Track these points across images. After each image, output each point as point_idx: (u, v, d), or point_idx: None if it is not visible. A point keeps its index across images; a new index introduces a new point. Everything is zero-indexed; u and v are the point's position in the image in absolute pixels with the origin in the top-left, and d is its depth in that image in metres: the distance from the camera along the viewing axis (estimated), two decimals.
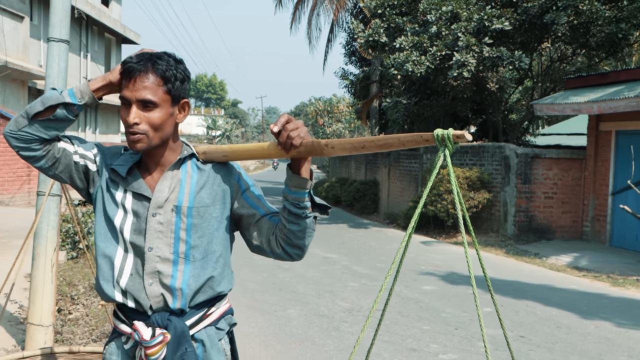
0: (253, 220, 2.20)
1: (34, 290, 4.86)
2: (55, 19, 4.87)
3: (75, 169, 2.18)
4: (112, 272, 2.14)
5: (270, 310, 7.36)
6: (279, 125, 1.97)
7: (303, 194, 2.05)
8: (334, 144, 1.96)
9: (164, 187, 2.15)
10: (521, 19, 14.45)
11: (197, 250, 2.14)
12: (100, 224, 2.18)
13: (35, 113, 2.05)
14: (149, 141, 2.08)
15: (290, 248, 2.14)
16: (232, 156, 2.19)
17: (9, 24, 19.12)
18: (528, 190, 14.12)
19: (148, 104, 2.04)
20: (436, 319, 7.12)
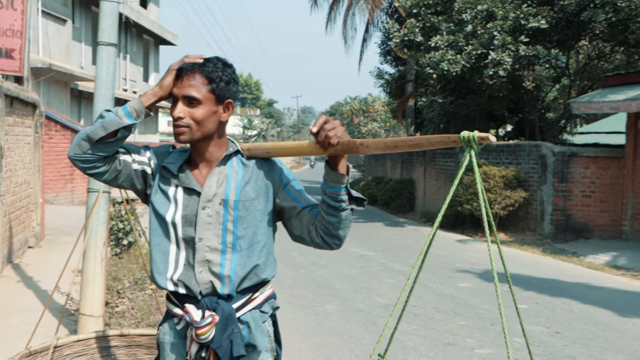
0: (294, 212, 2.37)
1: (85, 282, 5.09)
2: (105, 23, 5.10)
3: (136, 176, 2.37)
4: (166, 265, 2.33)
5: (309, 305, 7.52)
6: (318, 125, 2.13)
7: (340, 188, 2.21)
8: (369, 143, 2.12)
9: (212, 182, 2.32)
10: (558, 17, 14.40)
11: (243, 240, 2.32)
12: (154, 221, 2.37)
13: (99, 138, 2.23)
14: (192, 134, 2.27)
15: (329, 238, 2.30)
16: (274, 153, 2.36)
17: (53, 27, 19.62)
18: (565, 189, 14.06)
19: (192, 100, 2.23)
20: (472, 315, 7.21)
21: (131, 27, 27.17)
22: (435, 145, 2.03)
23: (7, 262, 8.15)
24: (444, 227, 16.34)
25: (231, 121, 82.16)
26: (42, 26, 18.76)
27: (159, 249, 2.35)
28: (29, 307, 6.24)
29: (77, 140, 2.25)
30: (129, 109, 2.27)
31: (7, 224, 8.11)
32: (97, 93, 5.07)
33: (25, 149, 9.37)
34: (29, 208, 9.62)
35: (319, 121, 2.15)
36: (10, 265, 8.18)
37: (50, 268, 8.05)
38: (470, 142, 1.92)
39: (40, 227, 10.10)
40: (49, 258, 8.87)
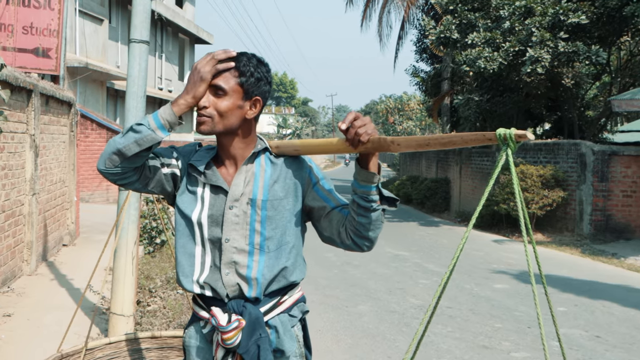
0: (324, 212, 2.28)
1: (116, 281, 5.07)
2: (137, 20, 5.06)
3: (166, 180, 2.29)
4: (192, 268, 2.25)
5: (341, 305, 7.43)
6: (347, 122, 2.03)
7: (371, 187, 2.11)
8: (400, 140, 2.01)
9: (239, 180, 2.24)
10: (598, 12, 14.06)
11: (271, 241, 2.23)
12: (180, 221, 2.29)
13: (133, 154, 2.14)
14: (213, 125, 2.18)
15: (359, 239, 2.20)
16: (303, 150, 2.27)
17: (90, 26, 19.84)
18: (605, 189, 13.74)
19: (219, 90, 2.15)
20: (508, 317, 7.05)
21: (167, 26, 27.36)
22: (470, 143, 1.92)
23: (42, 260, 8.21)
24: (480, 227, 16.11)
25: (266, 120, 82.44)
26: (79, 26, 18.97)
27: (184, 250, 2.27)
28: (61, 306, 6.26)
29: (108, 153, 2.16)
30: (162, 120, 2.16)
31: (42, 222, 8.17)
32: (129, 91, 5.04)
33: (60, 147, 9.44)
34: (64, 206, 9.70)
35: (348, 118, 2.05)
36: (45, 263, 8.24)
37: (84, 266, 8.08)
38: (507, 140, 1.80)
39: (75, 225, 10.18)
40: (83, 256, 8.91)
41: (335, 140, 2.17)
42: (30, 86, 7.36)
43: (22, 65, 10.16)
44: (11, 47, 10.19)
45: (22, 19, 10.20)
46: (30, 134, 7.52)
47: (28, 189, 7.49)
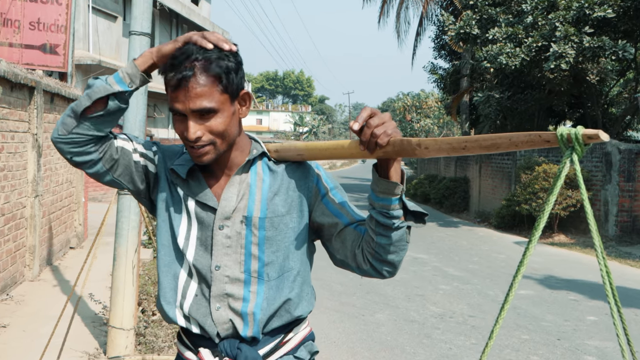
0: (335, 230, 1.86)
1: (115, 292, 4.72)
2: (137, 11, 4.72)
3: (136, 170, 1.89)
4: (174, 292, 1.86)
5: (358, 314, 7.04)
6: (361, 120, 1.61)
7: (392, 200, 1.69)
8: (428, 143, 1.59)
9: (231, 194, 1.83)
10: (625, 6, 13.54)
11: (271, 267, 1.83)
12: (164, 235, 1.89)
13: (84, 109, 1.77)
14: (217, 150, 1.77)
15: (379, 264, 1.79)
16: (308, 155, 1.86)
17: (103, 24, 19.61)
18: (632, 189, 13.25)
19: (205, 112, 1.72)
20: (536, 328, 6.62)
21: (182, 23, 27.10)
22: (520, 146, 1.50)
23: (47, 264, 7.90)
24: (501, 228, 15.68)
25: (282, 118, 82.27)
26: (92, 23, 18.73)
27: (168, 270, 1.87)
28: (62, 316, 5.92)
29: (61, 118, 1.80)
30: (121, 74, 1.79)
31: (46, 224, 7.86)
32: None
33: None
34: (71, 207, 9.39)
35: (362, 115, 1.62)
36: (50, 267, 7.93)
37: (90, 271, 7.75)
38: (572, 141, 1.38)
39: (83, 227, 9.87)
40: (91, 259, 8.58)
41: (346, 143, 1.75)
42: (32, 83, 7.03)
43: (29, 62, 9.88)
44: (18, 44, 9.92)
45: (28, 15, 9.92)
46: (33, 133, 7.20)
47: (30, 191, 7.17)
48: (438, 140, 1.58)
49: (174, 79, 1.70)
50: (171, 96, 1.72)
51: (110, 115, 1.79)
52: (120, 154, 1.87)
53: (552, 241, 13.79)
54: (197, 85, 1.68)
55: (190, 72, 1.68)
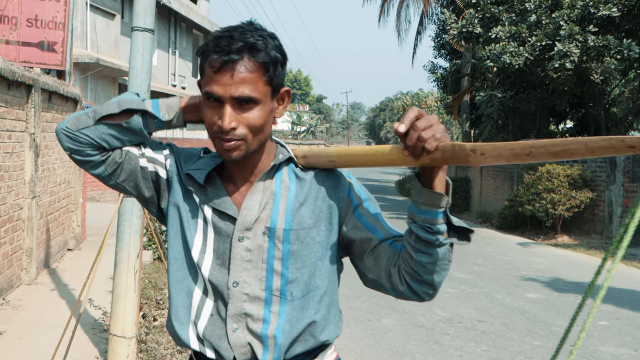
0: (368, 246, 1.67)
1: (116, 298, 4.53)
2: (140, 6, 4.52)
3: (143, 176, 1.72)
4: (188, 311, 1.68)
5: (364, 319, 6.86)
6: (408, 122, 1.42)
7: (437, 214, 1.51)
8: (486, 149, 1.39)
9: (253, 202, 1.65)
10: (629, 5, 13.39)
11: (295, 285, 1.65)
12: (176, 248, 1.71)
13: (108, 115, 1.63)
14: (247, 147, 1.59)
15: (418, 285, 1.60)
16: (341, 162, 1.67)
17: (101, 22, 19.40)
18: (636, 190, 13.08)
19: (247, 101, 1.55)
20: (547, 333, 6.45)
21: (180, 21, 26.91)
22: (598, 152, 1.30)
23: (44, 267, 7.71)
24: (503, 229, 15.53)
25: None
26: (90, 21, 18.53)
27: (180, 287, 1.69)
28: (60, 322, 5.71)
29: (77, 114, 1.66)
30: (160, 102, 1.67)
31: (43, 226, 7.67)
32: (131, 84, 4.49)
33: None
34: (69, 208, 9.19)
35: (409, 116, 1.43)
36: (47, 270, 7.73)
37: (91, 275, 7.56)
38: None
39: (81, 228, 9.68)
40: (89, 262, 8.35)
41: (387, 149, 1.55)
42: (30, 81, 6.84)
43: (27, 60, 9.67)
44: (15, 41, 9.71)
45: (26, 11, 9.71)
46: (30, 132, 7.00)
47: (27, 192, 6.98)
48: (497, 145, 1.38)
49: (218, 60, 1.53)
50: (211, 78, 1.55)
51: (127, 132, 1.65)
52: (125, 158, 1.70)
53: (556, 242, 13.63)
54: (244, 70, 1.53)
55: (237, 56, 1.52)
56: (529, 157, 1.35)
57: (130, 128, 1.64)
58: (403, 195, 26.66)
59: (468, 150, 1.40)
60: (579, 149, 1.27)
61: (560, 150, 1.31)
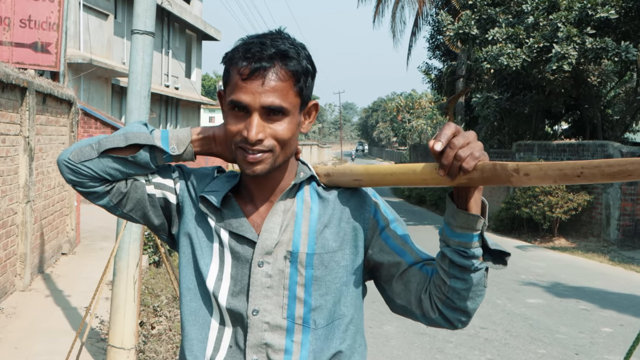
0: (397, 271, 1.56)
1: (115, 309, 4.41)
2: (140, 8, 4.40)
3: (151, 204, 1.62)
4: (204, 344, 1.56)
5: (365, 326, 6.71)
6: (444, 140, 1.33)
7: (473, 237, 1.41)
8: (530, 169, 1.27)
9: (273, 225, 1.54)
10: (627, 7, 13.33)
11: (319, 313, 1.53)
12: (188, 277, 1.60)
13: (112, 148, 1.52)
14: (273, 161, 1.48)
15: (452, 312, 1.50)
16: (368, 181, 1.56)
17: (94, 22, 19.23)
18: (634, 192, 13.04)
19: (276, 112, 1.44)
20: (551, 341, 6.36)
21: (173, 21, 26.74)
22: None
23: (38, 272, 7.57)
24: (500, 232, 15.45)
25: None
26: (83, 21, 18.34)
27: (195, 318, 1.57)
28: (55, 330, 5.60)
29: (80, 144, 1.55)
30: (170, 133, 1.57)
31: (38, 230, 7.52)
32: (131, 89, 4.37)
33: (59, 149, 8.78)
34: (63, 212, 9.05)
35: (446, 133, 1.33)
36: (41, 276, 7.59)
37: (84, 279, 7.43)
38: None
39: (75, 232, 9.53)
40: (83, 266, 8.26)
41: (419, 168, 1.44)
42: (24, 83, 6.70)
43: (20, 61, 9.51)
44: (8, 42, 9.55)
45: (19, 12, 9.56)
46: (25, 135, 6.86)
47: (22, 196, 6.84)
48: (544, 165, 1.27)
49: (247, 67, 1.43)
50: (239, 86, 1.44)
51: (132, 167, 1.55)
52: (131, 187, 1.59)
53: (553, 245, 13.57)
54: (275, 78, 1.43)
55: (268, 64, 1.43)
56: (580, 179, 1.24)
57: (137, 162, 1.54)
58: (397, 196, 26.55)
59: (510, 170, 1.29)
60: (637, 170, 1.15)
61: (615, 172, 1.19)
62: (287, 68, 1.44)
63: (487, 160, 1.33)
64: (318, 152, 63.42)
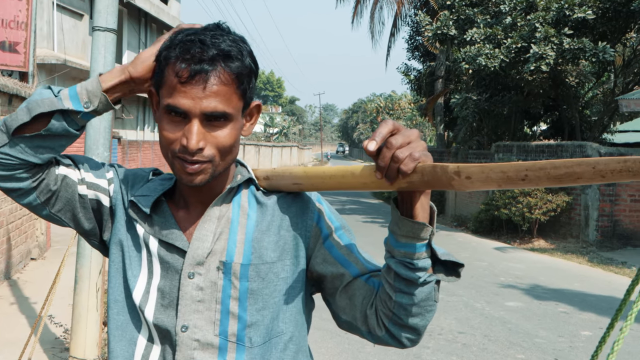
0: (340, 283, 1.42)
1: (77, 318, 4.22)
2: (101, 5, 4.23)
3: (81, 205, 1.46)
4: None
5: (340, 332, 6.54)
6: (379, 139, 1.18)
7: (418, 247, 1.26)
8: (472, 171, 1.14)
9: (206, 232, 1.40)
10: (604, 7, 13.33)
11: (255, 330, 1.39)
12: (117, 288, 1.45)
13: (19, 126, 1.34)
14: (214, 171, 1.35)
15: (399, 329, 1.35)
16: (308, 185, 1.42)
17: (69, 22, 18.94)
18: (612, 193, 13.03)
19: (218, 118, 1.30)
20: (530, 346, 6.25)
21: (151, 22, 26.46)
22: (609, 177, 1.05)
23: (5, 278, 7.34)
24: (479, 233, 15.40)
25: None
26: (57, 21, 18.05)
27: (121, 334, 1.42)
28: (19, 340, 5.37)
29: None
30: (78, 88, 1.37)
31: (4, 235, 7.30)
32: None
33: None
34: (32, 216, 8.80)
35: (381, 131, 1.19)
36: (7, 282, 7.36)
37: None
38: None
39: (46, 236, 9.29)
40: (52, 272, 8.00)
41: (358, 170, 1.30)
42: None
43: None
44: None
45: None
46: None
47: None
48: (486, 167, 1.12)
49: (186, 70, 1.28)
50: (177, 89, 1.29)
51: (53, 139, 1.36)
52: (61, 185, 1.43)
53: (532, 246, 13.52)
54: (218, 82, 1.29)
55: (210, 66, 1.28)
56: (525, 182, 1.09)
57: (53, 133, 1.35)
58: (377, 198, 26.45)
59: (451, 172, 1.15)
60: (586, 172, 1.02)
61: (562, 174, 1.05)
62: (230, 70, 1.30)
63: (430, 162, 1.18)
64: (298, 153, 63.30)
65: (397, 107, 46.44)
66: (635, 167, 0.99)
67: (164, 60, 1.32)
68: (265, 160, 43.65)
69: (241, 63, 1.31)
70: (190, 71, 1.27)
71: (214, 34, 1.32)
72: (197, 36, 1.30)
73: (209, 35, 1.31)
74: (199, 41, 1.29)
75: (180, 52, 1.29)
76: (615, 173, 1.01)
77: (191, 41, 1.29)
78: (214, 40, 1.30)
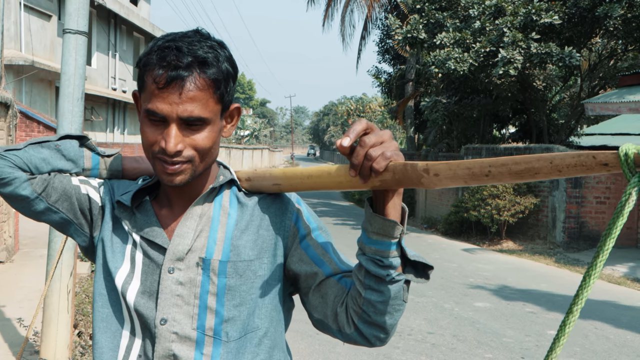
0: (313, 282, 1.47)
1: (48, 320, 4.21)
2: (72, 7, 4.22)
3: (77, 198, 1.52)
4: (115, 353, 1.46)
5: (311, 332, 6.63)
6: (353, 136, 1.23)
7: (389, 245, 1.30)
8: (439, 168, 1.20)
9: (187, 229, 1.45)
10: (570, 13, 13.58)
11: (232, 325, 1.43)
12: (101, 282, 1.50)
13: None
14: (193, 171, 1.40)
15: (367, 327, 1.39)
16: (287, 185, 1.47)
17: (36, 23, 18.72)
18: (579, 195, 13.26)
19: (195, 122, 1.35)
20: (497, 345, 6.35)
21: (120, 24, 26.26)
22: (566, 172, 1.11)
23: None
24: (449, 235, 15.55)
25: None
26: (24, 21, 17.84)
27: (106, 326, 1.47)
28: None
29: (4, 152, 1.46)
30: (102, 163, 1.55)
31: None
32: (63, 92, 4.19)
33: None
34: (0, 218, 8.72)
35: (355, 128, 1.23)
36: None
37: (20, 288, 7.16)
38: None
39: (14, 238, 9.20)
40: (20, 275, 7.96)
41: (333, 169, 1.36)
42: None
43: None
44: None
45: None
46: None
47: None
48: (452, 164, 1.19)
49: (163, 76, 1.33)
50: (155, 95, 1.34)
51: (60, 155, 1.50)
52: (55, 176, 1.50)
53: (501, 248, 13.69)
54: (194, 88, 1.33)
55: (186, 73, 1.32)
56: (488, 178, 1.16)
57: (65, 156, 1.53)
58: (347, 200, 26.56)
59: (420, 170, 1.21)
60: (544, 167, 1.08)
61: (522, 170, 1.12)
62: (207, 76, 1.34)
63: (401, 161, 1.23)
64: (269, 156, 63.20)
65: (368, 110, 46.63)
66: (588, 162, 1.05)
67: (144, 66, 1.37)
68: (236, 162, 43.52)
69: (217, 69, 1.35)
70: (167, 77, 1.31)
71: (192, 40, 1.36)
72: (175, 43, 1.35)
73: (187, 41, 1.35)
74: (175, 48, 1.33)
75: (157, 59, 1.33)
76: (571, 167, 1.07)
77: (168, 48, 1.34)
78: (191, 47, 1.34)
